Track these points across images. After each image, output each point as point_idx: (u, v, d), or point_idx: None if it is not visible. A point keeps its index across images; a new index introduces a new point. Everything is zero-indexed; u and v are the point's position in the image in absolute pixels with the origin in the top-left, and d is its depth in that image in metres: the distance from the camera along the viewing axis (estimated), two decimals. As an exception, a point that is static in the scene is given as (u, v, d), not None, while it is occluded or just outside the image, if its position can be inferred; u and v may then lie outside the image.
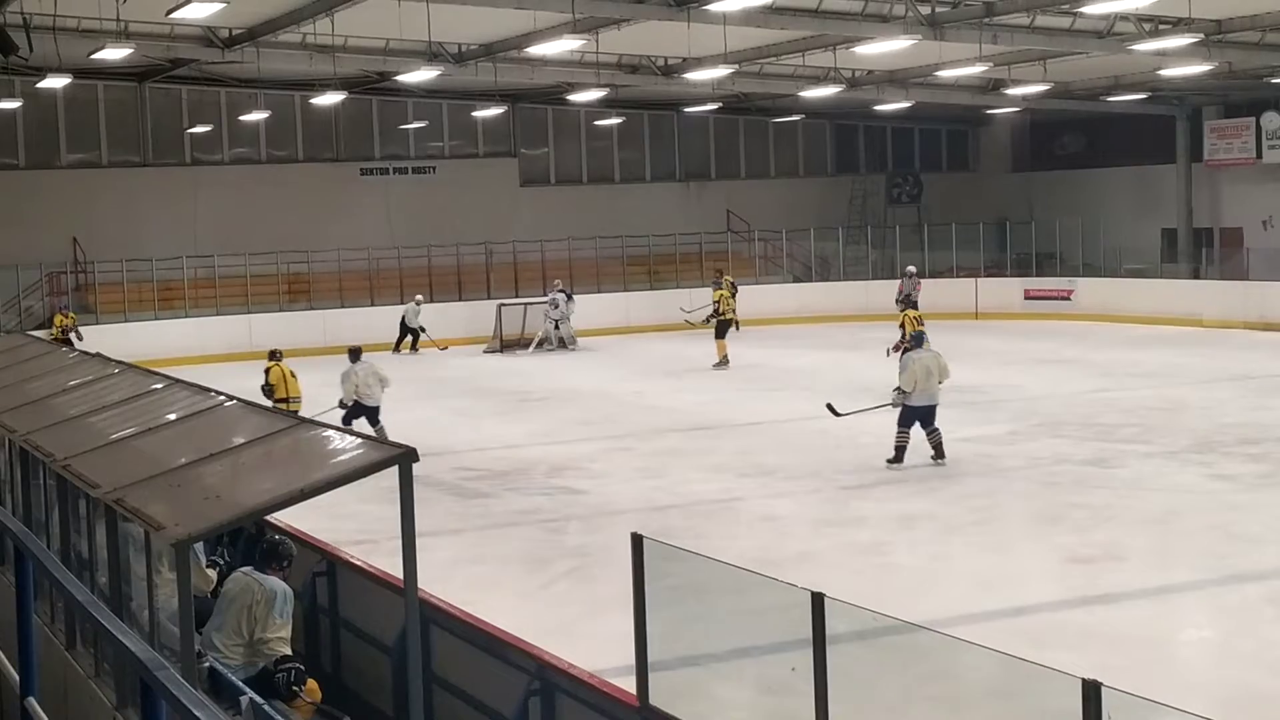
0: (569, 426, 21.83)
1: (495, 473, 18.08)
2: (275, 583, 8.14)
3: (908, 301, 32.38)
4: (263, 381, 19.72)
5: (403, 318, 33.96)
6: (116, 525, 7.24)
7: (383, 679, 8.67)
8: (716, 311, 29.53)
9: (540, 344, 32.79)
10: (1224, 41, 27.60)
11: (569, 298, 33.71)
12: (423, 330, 33.85)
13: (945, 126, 45.47)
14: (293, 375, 19.98)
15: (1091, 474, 16.85)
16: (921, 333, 19.35)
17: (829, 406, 19.12)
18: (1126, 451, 18.16)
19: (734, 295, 31.00)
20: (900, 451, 17.39)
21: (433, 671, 8.31)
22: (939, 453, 17.36)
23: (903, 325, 24.70)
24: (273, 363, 20.21)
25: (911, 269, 35.15)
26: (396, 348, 33.38)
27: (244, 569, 8.39)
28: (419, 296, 34.51)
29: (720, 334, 28.96)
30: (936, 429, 17.46)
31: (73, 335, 30.01)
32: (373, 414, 19.46)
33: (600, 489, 16.86)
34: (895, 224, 42.24)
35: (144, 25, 25.96)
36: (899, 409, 17.53)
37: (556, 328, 33.42)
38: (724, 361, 28.34)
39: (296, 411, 18.50)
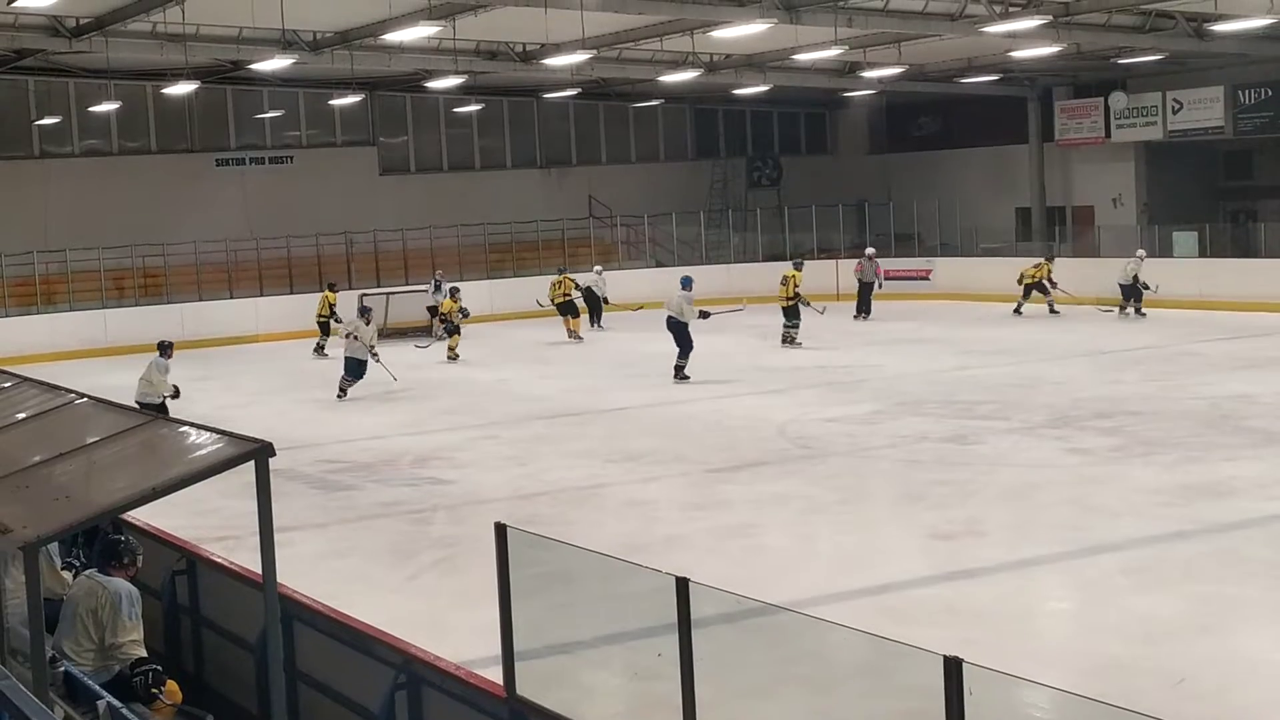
0: (434, 416, 21.67)
1: (359, 464, 17.87)
2: (119, 583, 7.89)
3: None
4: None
5: (589, 289, 33.89)
6: (-37, 529, 7.01)
7: (246, 677, 8.51)
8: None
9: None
10: (1072, 23, 28.12)
11: (437, 286, 33.52)
12: (606, 301, 34.09)
13: (803, 110, 45.85)
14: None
15: (952, 451, 17.08)
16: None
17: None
18: (986, 428, 18.44)
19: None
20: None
21: (297, 668, 8.19)
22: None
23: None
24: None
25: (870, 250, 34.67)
26: (594, 322, 33.64)
27: (87, 572, 8.15)
28: (598, 267, 35.29)
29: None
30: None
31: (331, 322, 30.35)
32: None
33: (467, 478, 16.74)
34: (756, 207, 42.52)
35: (-14, 15, 25.30)
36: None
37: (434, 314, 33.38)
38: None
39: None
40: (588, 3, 23.51)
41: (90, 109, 35.18)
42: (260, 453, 6.23)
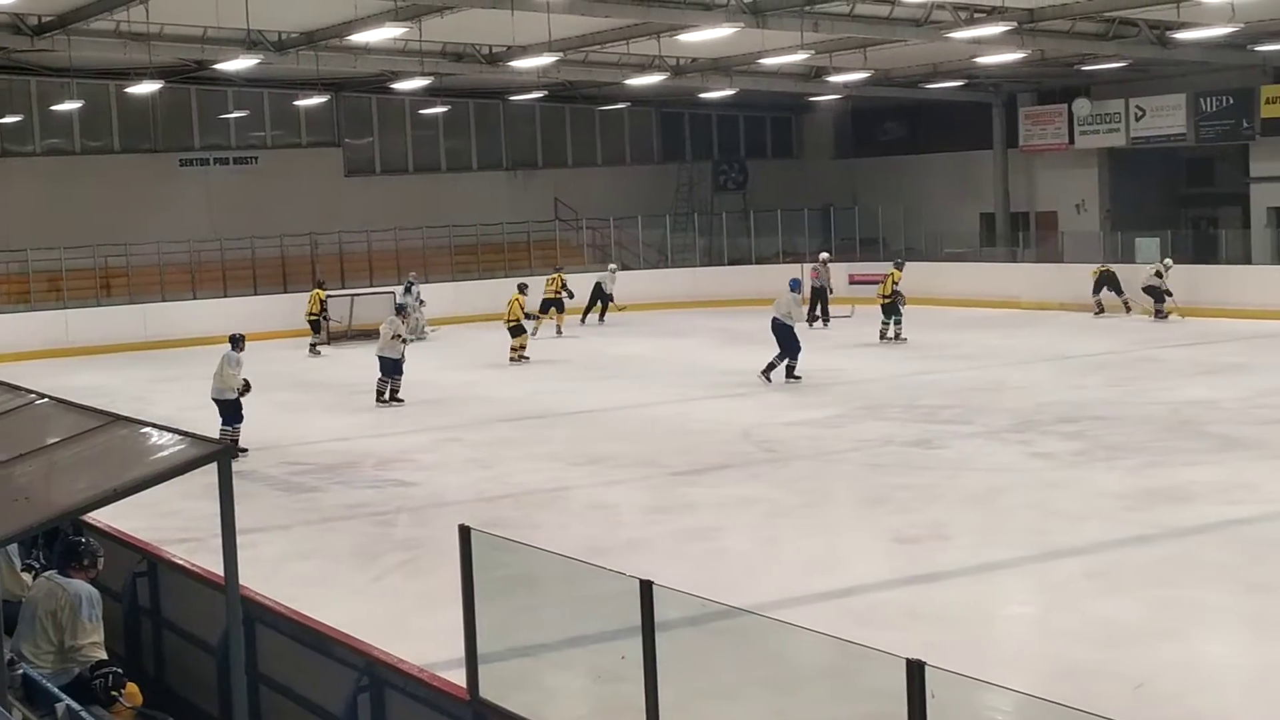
0: (398, 418, 21.61)
1: (323, 466, 17.81)
2: (80, 585, 7.84)
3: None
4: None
5: (598, 284, 34.83)
6: (-79, 530, 6.95)
7: (208, 680, 8.47)
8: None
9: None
10: (1036, 30, 28.29)
11: (407, 289, 33.55)
12: (612, 298, 34.86)
13: (769, 114, 45.94)
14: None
15: (916, 455, 17.14)
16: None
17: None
18: (949, 432, 18.50)
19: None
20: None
21: (259, 670, 8.16)
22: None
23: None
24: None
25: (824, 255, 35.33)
26: (584, 317, 34.31)
27: (47, 573, 8.09)
28: (613, 265, 36.13)
29: None
30: (225, 428, 18.42)
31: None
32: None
33: (431, 481, 16.70)
34: (722, 211, 42.58)
35: (-53, 12, 25.10)
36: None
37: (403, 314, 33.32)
38: None
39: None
40: (554, 5, 23.50)
41: (52, 108, 34.95)
42: (223, 454, 6.20)
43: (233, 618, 6.54)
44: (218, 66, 31.11)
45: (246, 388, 18.57)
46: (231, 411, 18.52)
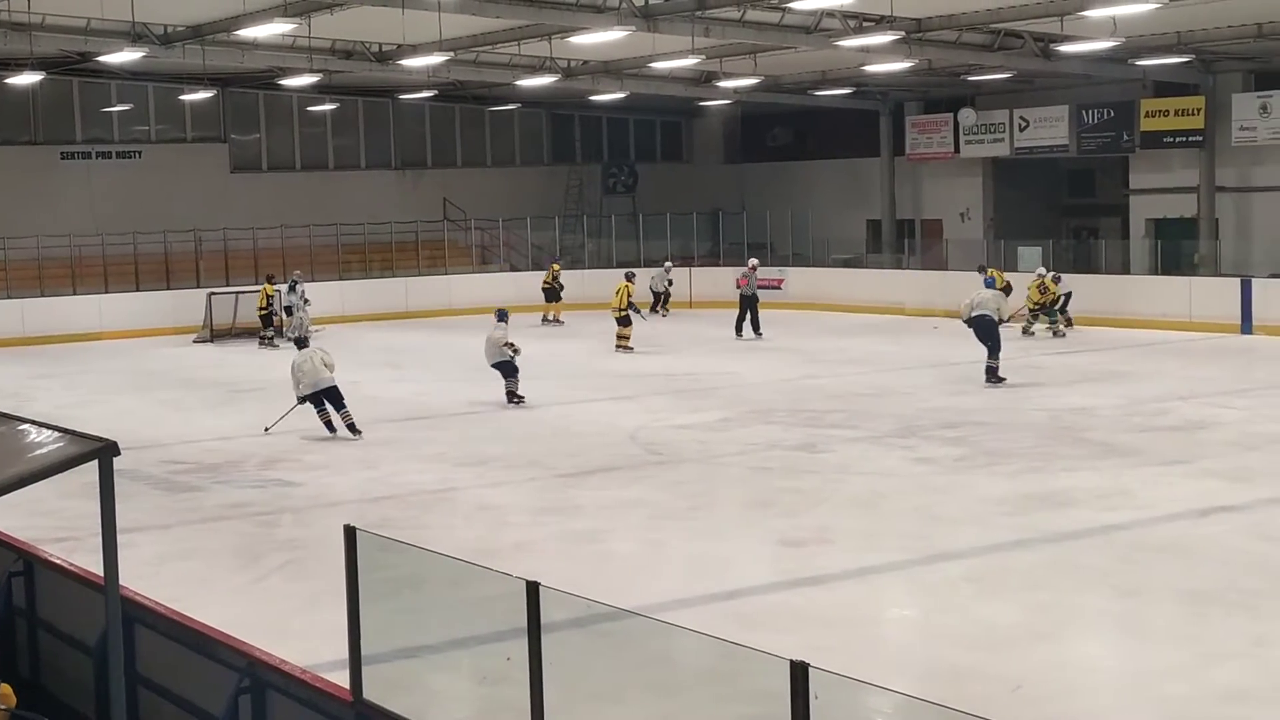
0: (284, 419, 21.34)
1: (205, 465, 17.59)
2: None
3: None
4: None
5: (650, 283, 35.37)
6: None
7: (85, 681, 8.34)
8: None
9: None
10: (924, 40, 28.66)
11: (291, 287, 33.16)
12: (668, 290, 36.08)
13: (660, 118, 46.10)
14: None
15: (801, 459, 17.27)
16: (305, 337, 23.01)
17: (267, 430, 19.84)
18: (834, 436, 18.67)
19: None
20: (328, 425, 19.36)
21: (137, 671, 8.04)
22: (353, 429, 19.21)
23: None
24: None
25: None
26: (653, 309, 34.80)
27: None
28: (668, 263, 36.59)
29: None
30: (344, 409, 19.30)
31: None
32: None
33: (315, 481, 16.55)
34: (611, 214, 42.65)
35: None
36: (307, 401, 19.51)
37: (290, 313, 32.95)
38: None
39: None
40: (445, 4, 23.42)
41: (-71, 98, 34.24)
42: (104, 452, 6.10)
43: (112, 618, 6.45)
44: (101, 59, 30.57)
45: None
46: (339, 396, 19.21)
